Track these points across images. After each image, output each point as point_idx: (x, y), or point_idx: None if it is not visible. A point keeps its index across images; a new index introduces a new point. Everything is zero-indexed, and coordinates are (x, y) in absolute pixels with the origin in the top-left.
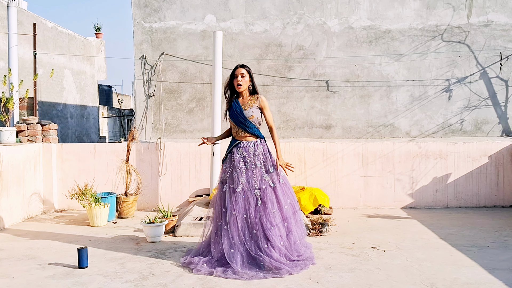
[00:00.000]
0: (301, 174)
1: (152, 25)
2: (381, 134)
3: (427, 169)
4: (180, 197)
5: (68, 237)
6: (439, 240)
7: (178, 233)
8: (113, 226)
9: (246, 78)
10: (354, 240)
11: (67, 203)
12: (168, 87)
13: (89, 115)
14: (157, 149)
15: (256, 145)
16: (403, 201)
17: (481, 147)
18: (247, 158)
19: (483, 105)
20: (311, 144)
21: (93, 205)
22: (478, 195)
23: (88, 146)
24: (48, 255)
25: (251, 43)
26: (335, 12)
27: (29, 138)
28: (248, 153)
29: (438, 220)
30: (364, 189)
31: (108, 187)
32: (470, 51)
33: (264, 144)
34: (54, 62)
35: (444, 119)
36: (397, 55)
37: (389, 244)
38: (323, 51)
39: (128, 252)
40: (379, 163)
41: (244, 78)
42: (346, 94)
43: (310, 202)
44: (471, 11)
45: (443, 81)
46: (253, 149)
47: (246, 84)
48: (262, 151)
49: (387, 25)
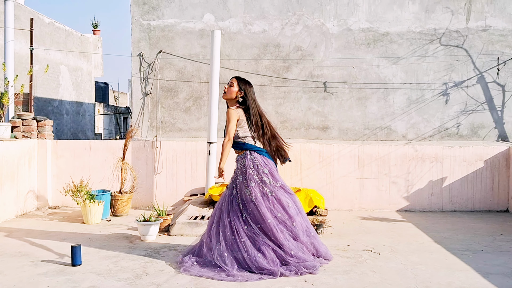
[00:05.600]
0: (297, 175)
1: (150, 23)
2: (377, 136)
3: (423, 173)
4: (175, 196)
5: (62, 234)
6: (434, 244)
7: (173, 232)
8: (107, 224)
9: (233, 88)
10: (349, 242)
11: (61, 199)
12: (165, 85)
13: (85, 112)
14: (153, 148)
15: (241, 158)
16: (398, 204)
17: (477, 151)
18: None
19: (480, 110)
20: (307, 145)
21: (88, 202)
22: (473, 199)
23: (83, 143)
24: (41, 252)
25: (249, 42)
26: (334, 13)
27: (24, 134)
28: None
29: (433, 224)
30: (359, 191)
31: (103, 185)
32: (468, 55)
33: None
34: (51, 58)
35: (440, 122)
36: (395, 57)
37: (384, 246)
38: (321, 52)
39: (122, 250)
40: (375, 166)
41: (232, 87)
42: (343, 96)
43: (306, 203)
44: (470, 15)
45: (440, 85)
46: (237, 162)
47: (231, 94)
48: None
49: (386, 28)
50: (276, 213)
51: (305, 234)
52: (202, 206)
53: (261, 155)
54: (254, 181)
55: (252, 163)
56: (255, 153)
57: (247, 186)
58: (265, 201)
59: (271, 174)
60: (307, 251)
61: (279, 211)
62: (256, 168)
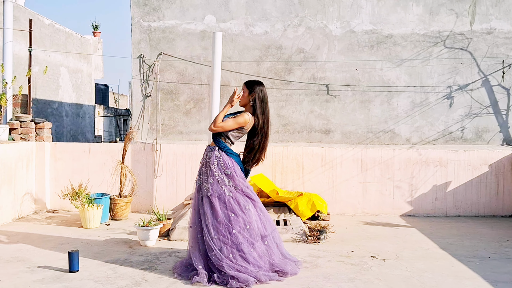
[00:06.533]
0: (299, 178)
1: (150, 24)
2: (381, 140)
3: (427, 177)
4: (176, 199)
5: (60, 239)
6: (439, 250)
7: (173, 237)
8: (106, 228)
9: (244, 94)
10: (353, 248)
11: (59, 203)
12: (166, 88)
13: (85, 114)
14: (153, 150)
15: (209, 150)
16: (402, 209)
17: (481, 155)
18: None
19: (484, 113)
20: (309, 149)
21: (86, 206)
22: (477, 204)
23: (82, 146)
24: (38, 257)
25: (251, 44)
26: (337, 15)
27: (22, 136)
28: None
29: (437, 229)
30: (362, 196)
31: (102, 188)
32: (472, 58)
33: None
34: (51, 60)
35: (445, 126)
36: (398, 60)
37: (388, 253)
38: (324, 55)
39: (120, 256)
40: (378, 170)
41: (243, 93)
42: (346, 99)
43: (308, 208)
44: (474, 18)
45: (445, 88)
46: (205, 153)
47: (244, 100)
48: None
49: (389, 30)
50: (229, 213)
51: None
52: None
53: (229, 157)
54: (213, 178)
55: (216, 160)
56: (223, 152)
57: (206, 181)
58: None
59: (231, 176)
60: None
61: (233, 211)
62: (219, 166)
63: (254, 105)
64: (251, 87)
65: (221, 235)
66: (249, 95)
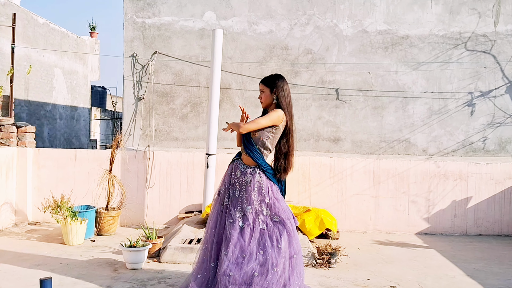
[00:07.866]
0: (305, 191)
1: (145, 21)
2: (395, 150)
3: (446, 191)
4: (169, 212)
5: (37, 258)
6: (466, 278)
7: (164, 258)
8: (90, 245)
9: (266, 93)
10: (369, 275)
11: (42, 215)
12: (160, 90)
13: (80, 117)
14: (145, 158)
15: (247, 172)
16: (418, 226)
17: (505, 169)
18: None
19: (509, 123)
20: (317, 159)
21: (69, 220)
22: (500, 222)
23: (68, 152)
24: (9, 282)
25: (254, 44)
26: (348, 13)
27: (2, 141)
28: (235, 175)
29: (459, 251)
30: (374, 211)
31: (88, 200)
32: (496, 62)
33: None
34: (45, 60)
35: (465, 136)
36: (415, 63)
37: (409, 282)
38: (334, 56)
39: (102, 282)
40: (392, 183)
41: (264, 93)
42: (357, 105)
43: (316, 225)
44: (498, 18)
45: (465, 94)
46: (240, 173)
47: (267, 100)
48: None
49: (405, 30)
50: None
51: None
52: (198, 226)
53: (267, 178)
54: (252, 206)
55: (257, 186)
56: (263, 175)
57: (240, 207)
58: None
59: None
60: None
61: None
62: (260, 193)
63: (278, 102)
64: (271, 84)
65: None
66: (272, 93)
